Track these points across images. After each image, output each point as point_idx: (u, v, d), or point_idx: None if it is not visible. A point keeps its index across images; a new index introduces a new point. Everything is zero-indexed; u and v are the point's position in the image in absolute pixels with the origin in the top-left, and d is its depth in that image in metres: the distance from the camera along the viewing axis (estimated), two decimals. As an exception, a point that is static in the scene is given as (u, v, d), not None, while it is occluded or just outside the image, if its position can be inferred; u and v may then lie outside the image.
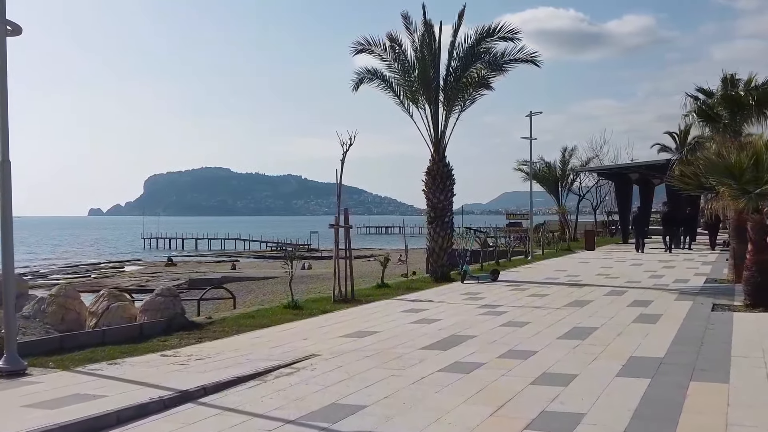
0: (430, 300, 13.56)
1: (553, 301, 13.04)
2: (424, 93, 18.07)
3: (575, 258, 26.32)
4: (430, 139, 18.28)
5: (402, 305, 12.86)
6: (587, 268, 21.34)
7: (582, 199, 44.54)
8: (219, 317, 12.15)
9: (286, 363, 7.49)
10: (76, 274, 64.63)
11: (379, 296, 14.37)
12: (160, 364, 7.59)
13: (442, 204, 18.08)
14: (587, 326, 10.02)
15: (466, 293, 14.71)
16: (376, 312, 12.05)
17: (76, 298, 12.48)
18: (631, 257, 25.66)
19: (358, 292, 14.81)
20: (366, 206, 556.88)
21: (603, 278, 17.76)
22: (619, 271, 19.99)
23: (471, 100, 18.50)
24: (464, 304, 12.83)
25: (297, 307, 12.64)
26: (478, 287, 15.92)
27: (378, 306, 12.92)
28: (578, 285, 16.06)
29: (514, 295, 14.21)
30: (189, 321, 11.43)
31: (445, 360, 7.70)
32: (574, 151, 43.98)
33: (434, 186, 18.08)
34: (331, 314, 11.93)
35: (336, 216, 14.41)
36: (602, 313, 11.41)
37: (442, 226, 18.04)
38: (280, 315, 11.92)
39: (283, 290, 43.90)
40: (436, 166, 18.15)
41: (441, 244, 17.92)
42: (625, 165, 39.15)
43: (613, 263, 23.06)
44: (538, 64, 18.12)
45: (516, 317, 11.02)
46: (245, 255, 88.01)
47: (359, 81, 18.70)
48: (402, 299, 13.89)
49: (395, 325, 10.37)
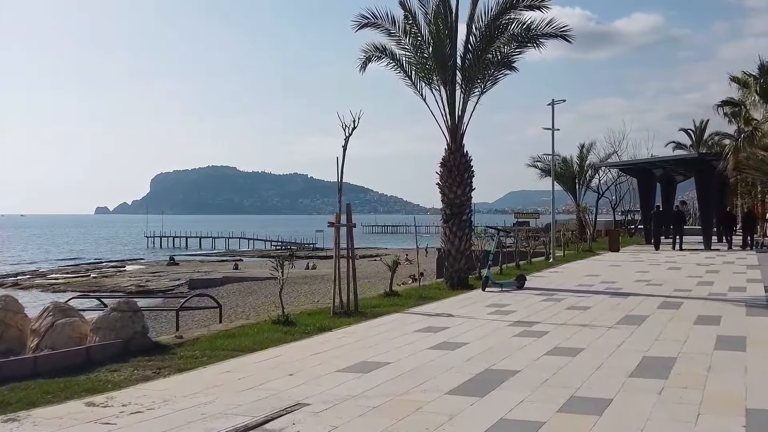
0: (450, 314, 11.24)
1: (599, 317, 10.71)
2: (439, 73, 15.73)
3: (602, 260, 23.96)
4: (446, 126, 15.95)
5: (416, 321, 10.55)
6: (621, 272, 19.00)
7: (601, 197, 42.09)
8: (192, 336, 9.87)
9: (257, 423, 5.20)
10: (76, 273, 62.86)
11: (388, 308, 12.07)
12: (75, 424, 5.30)
13: (459, 200, 15.73)
14: (660, 355, 7.69)
15: (491, 305, 12.39)
16: (384, 331, 9.74)
17: (18, 312, 10.18)
18: (664, 260, 23.30)
19: (362, 303, 12.54)
20: (372, 205, 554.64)
21: (645, 285, 15.42)
22: (658, 276, 17.64)
23: (492, 81, 16.15)
24: (492, 320, 10.51)
25: (288, 323, 10.36)
26: (504, 296, 13.61)
27: (386, 322, 10.61)
28: (620, 294, 13.73)
29: (550, 308, 11.87)
30: (152, 342, 9.16)
31: (485, 417, 5.39)
32: (592, 146, 41.66)
33: (450, 179, 15.74)
34: (328, 334, 9.62)
35: (336, 212, 12.14)
36: (668, 334, 9.09)
37: (460, 225, 15.68)
38: (266, 334, 9.65)
39: (286, 292, 41.60)
40: (452, 157, 15.80)
41: (458, 246, 15.58)
42: (651, 159, 36.68)
43: (648, 267, 20.70)
44: (569, 39, 15.74)
45: (562, 340, 8.69)
46: (249, 254, 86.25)
47: (366, 59, 16.38)
48: (415, 312, 11.58)
49: (409, 352, 8.06)
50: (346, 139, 12.09)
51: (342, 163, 12.10)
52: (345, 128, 12.06)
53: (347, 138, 12.09)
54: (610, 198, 42.73)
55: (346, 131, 12.08)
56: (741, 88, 28.34)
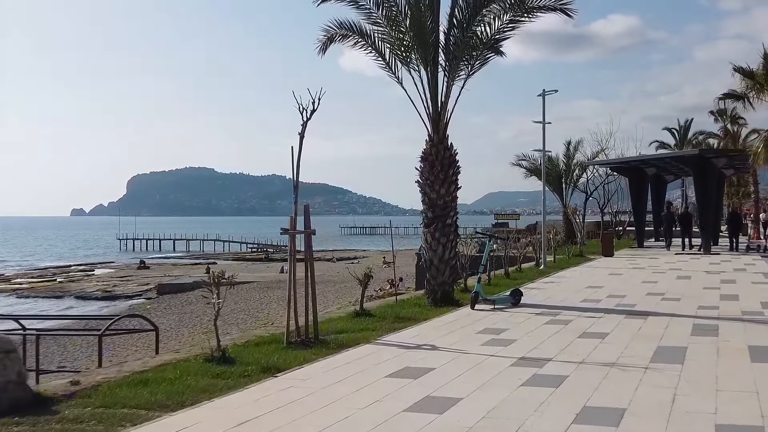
0: (434, 346, 8.83)
1: (625, 350, 8.36)
2: (418, 50, 13.31)
3: (598, 267, 21.69)
4: (427, 114, 13.54)
5: (390, 358, 8.12)
6: (625, 283, 16.72)
7: (589, 197, 39.89)
8: (94, 380, 7.43)
9: None
10: (42, 277, 60.02)
11: (357, 335, 9.64)
12: None
13: (443, 200, 13.30)
14: (742, 423, 5.36)
15: (485, 330, 10.01)
16: (347, 376, 7.29)
17: None
18: (667, 266, 21.12)
19: (326, 326, 10.16)
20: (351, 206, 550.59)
21: (660, 300, 13.16)
22: (670, 288, 15.38)
23: (481, 62, 13.78)
24: (488, 357, 8.10)
25: (225, 361, 7.92)
26: (498, 317, 11.24)
27: (352, 359, 8.16)
28: (637, 314, 11.41)
29: (558, 335, 9.50)
30: (32, 394, 6.74)
31: None
32: (579, 144, 39.48)
33: (432, 176, 13.32)
34: (272, 382, 7.16)
35: (292, 216, 9.73)
36: (729, 380, 6.74)
37: (444, 229, 13.25)
38: (191, 378, 7.21)
39: (258, 298, 39.29)
40: (435, 149, 13.38)
41: (442, 255, 13.16)
42: (646, 157, 34.52)
43: (653, 275, 18.46)
44: (570, 13, 13.39)
45: (590, 393, 6.31)
46: (224, 257, 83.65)
47: (328, 39, 13.89)
48: (390, 343, 9.15)
49: (376, 419, 5.65)
50: (303, 125, 9.66)
51: (299, 154, 9.67)
52: (303, 111, 9.64)
53: (305, 123, 9.66)
54: (598, 198, 40.55)
55: (303, 114, 9.65)
56: (743, 79, 26.42)
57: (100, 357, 11.03)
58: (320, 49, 14.04)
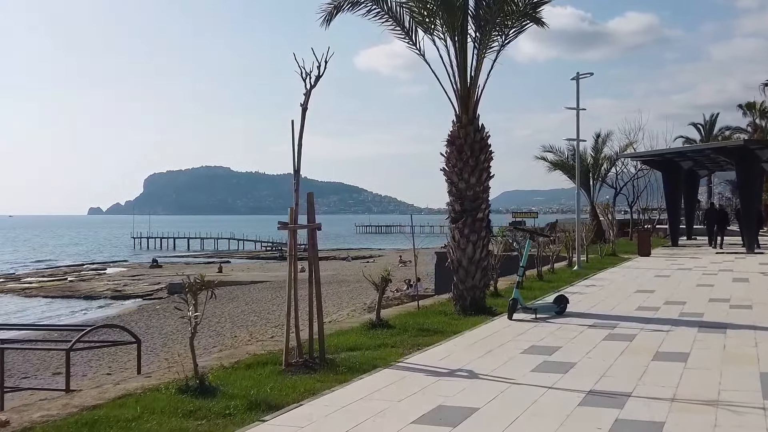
0: (471, 372, 6.91)
1: (721, 380, 6.41)
2: (444, 16, 11.38)
3: (639, 268, 19.64)
4: (454, 91, 11.60)
5: (418, 392, 6.20)
6: (678, 285, 14.73)
7: (618, 193, 37.76)
8: (30, 419, 5.63)
9: None
10: (53, 276, 58.88)
11: (373, 355, 7.73)
12: None
13: (473, 191, 11.35)
14: None
15: (531, 348, 8.08)
16: (361, 420, 5.39)
17: None
18: (716, 267, 19.08)
19: (335, 341, 8.31)
20: (366, 205, 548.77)
21: (730, 309, 11.18)
22: (731, 292, 13.39)
23: (518, 29, 11.86)
24: (545, 389, 6.18)
25: (203, 392, 6.07)
26: (544, 330, 9.31)
27: (365, 394, 6.23)
28: (712, 327, 9.43)
29: (625, 356, 7.54)
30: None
31: None
32: (609, 136, 37.34)
33: (461, 162, 11.36)
34: (260, 428, 5.30)
35: (292, 207, 7.88)
36: None
37: (474, 225, 11.30)
38: (153, 421, 5.38)
39: (270, 299, 37.49)
40: (463, 131, 11.43)
41: (472, 255, 11.22)
42: (682, 149, 32.39)
43: (705, 277, 16.43)
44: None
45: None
46: (238, 255, 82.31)
47: (334, 8, 11.84)
48: (415, 366, 7.24)
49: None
50: (307, 93, 7.77)
51: (300, 129, 7.78)
52: (306, 77, 7.75)
53: (308, 91, 7.77)
54: (627, 194, 38.39)
55: (307, 81, 7.77)
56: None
57: (67, 376, 9.15)
58: (324, 19, 12.00)
